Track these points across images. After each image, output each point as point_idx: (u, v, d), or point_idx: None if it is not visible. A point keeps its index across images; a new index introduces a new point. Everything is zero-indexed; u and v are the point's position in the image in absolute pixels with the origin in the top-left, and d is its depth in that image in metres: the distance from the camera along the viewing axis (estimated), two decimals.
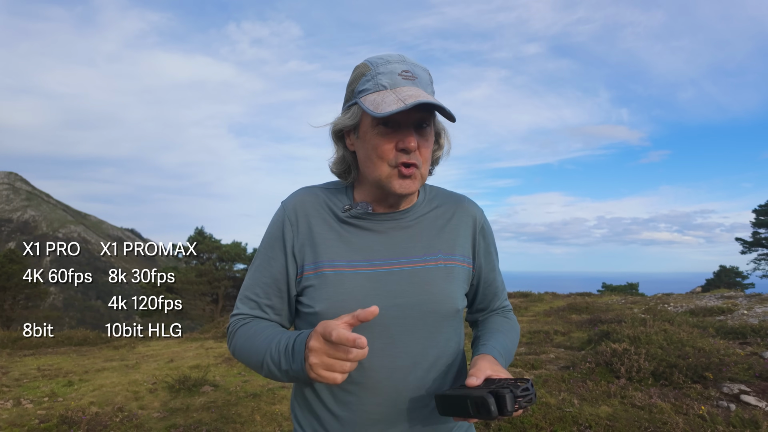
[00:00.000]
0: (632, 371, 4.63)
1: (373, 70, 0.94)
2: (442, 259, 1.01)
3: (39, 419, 4.23)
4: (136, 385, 5.38)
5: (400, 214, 1.03)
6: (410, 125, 0.93)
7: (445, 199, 1.09)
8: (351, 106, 0.98)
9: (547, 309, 11.87)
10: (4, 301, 18.37)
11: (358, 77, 0.97)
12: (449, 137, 1.06)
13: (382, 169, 0.94)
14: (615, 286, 25.85)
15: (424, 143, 0.95)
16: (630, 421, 3.54)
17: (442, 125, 1.04)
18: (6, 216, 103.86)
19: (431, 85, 0.98)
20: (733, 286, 28.90)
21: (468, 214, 1.08)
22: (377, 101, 0.90)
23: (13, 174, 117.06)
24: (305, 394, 1.02)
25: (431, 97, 0.90)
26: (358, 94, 0.96)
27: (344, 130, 1.01)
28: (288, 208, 1.03)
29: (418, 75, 0.95)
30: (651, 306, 10.47)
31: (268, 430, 3.97)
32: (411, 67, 0.95)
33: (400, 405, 0.96)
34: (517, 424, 3.50)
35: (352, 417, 0.96)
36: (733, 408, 3.79)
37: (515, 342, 1.11)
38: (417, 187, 0.97)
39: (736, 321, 7.53)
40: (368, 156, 0.96)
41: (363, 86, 0.95)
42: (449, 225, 1.05)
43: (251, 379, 5.59)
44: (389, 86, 0.92)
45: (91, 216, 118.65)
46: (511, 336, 1.10)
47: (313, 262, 0.98)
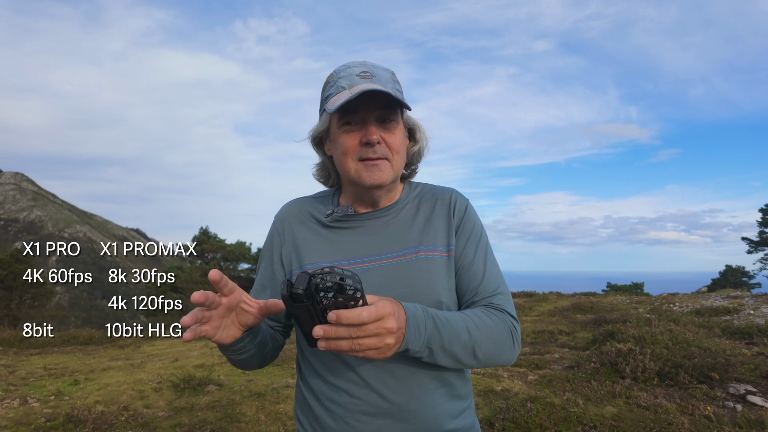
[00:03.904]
0: (637, 371, 4.61)
1: (335, 76, 1.03)
2: (423, 250, 1.03)
3: (45, 418, 4.26)
4: (142, 384, 5.40)
5: (382, 212, 1.07)
6: (372, 120, 0.99)
7: (428, 193, 1.12)
8: (322, 113, 1.06)
9: (552, 309, 11.84)
10: (11, 300, 18.51)
11: (325, 85, 1.06)
12: (425, 134, 1.11)
13: (350, 165, 1.01)
14: (620, 285, 25.75)
15: (389, 136, 1.00)
16: (635, 422, 3.52)
17: (416, 122, 1.09)
18: (13, 216, 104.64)
19: (393, 83, 1.03)
20: (739, 285, 28.73)
21: (446, 203, 1.09)
22: (335, 101, 0.98)
23: (20, 174, 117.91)
24: (303, 391, 1.07)
25: (377, 86, 0.95)
26: (324, 100, 1.04)
27: (320, 136, 1.09)
28: (277, 220, 1.14)
29: (377, 74, 1.01)
30: (656, 306, 10.42)
31: (272, 429, 3.98)
32: (370, 68, 1.02)
33: (390, 398, 0.97)
34: (521, 423, 3.50)
35: (344, 412, 0.98)
36: (739, 408, 3.77)
37: (481, 329, 0.94)
38: (387, 177, 1.00)
39: (742, 321, 7.48)
40: (338, 155, 1.03)
41: (328, 92, 1.03)
42: (431, 217, 1.07)
43: (255, 378, 5.60)
44: (347, 86, 0.99)
45: (97, 216, 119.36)
46: (474, 320, 0.94)
47: (298, 266, 1.05)
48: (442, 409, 1.00)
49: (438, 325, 0.87)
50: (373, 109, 0.98)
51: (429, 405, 0.98)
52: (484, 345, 0.93)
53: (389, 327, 0.76)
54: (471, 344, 0.91)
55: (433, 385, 1.00)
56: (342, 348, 0.75)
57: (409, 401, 0.97)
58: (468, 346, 0.91)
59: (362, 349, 0.76)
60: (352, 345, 0.75)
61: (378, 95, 0.95)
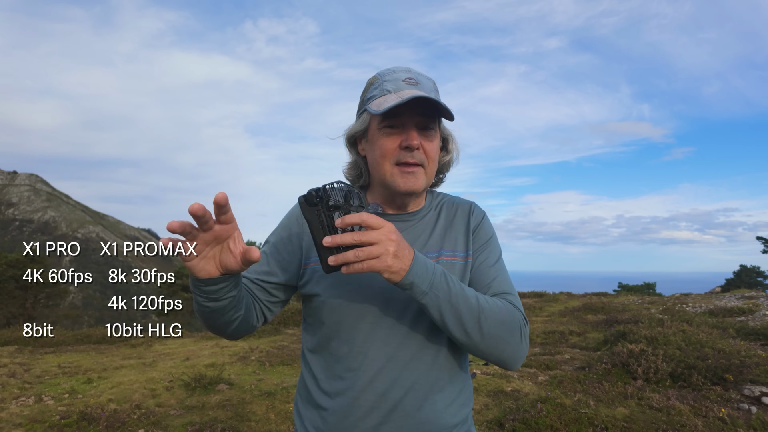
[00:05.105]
0: (649, 372, 4.56)
1: (380, 79, 1.05)
2: (444, 255, 1.06)
3: (59, 415, 4.32)
4: (153, 383, 5.46)
5: (408, 215, 1.10)
6: (413, 125, 1.00)
7: (449, 202, 1.15)
8: (362, 113, 1.08)
9: (562, 309, 11.75)
10: (26, 300, 18.81)
11: (368, 87, 1.08)
12: (458, 145, 1.13)
13: (386, 168, 1.02)
14: (631, 286, 25.49)
15: (427, 143, 1.02)
16: (647, 423, 3.48)
17: (450, 132, 1.12)
18: (27, 217, 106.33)
19: (435, 93, 1.05)
20: (754, 286, 28.25)
21: (466, 212, 1.13)
22: (380, 102, 1.00)
23: (34, 176, 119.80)
24: (307, 383, 1.08)
25: (425, 93, 0.97)
26: (366, 101, 1.06)
27: (356, 136, 1.10)
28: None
29: (422, 81, 1.03)
30: (669, 306, 10.30)
31: (282, 428, 4.00)
32: (415, 75, 1.04)
33: (392, 395, 0.98)
34: (531, 424, 3.47)
35: (347, 403, 0.99)
36: (754, 410, 3.71)
37: (491, 305, 0.95)
38: (421, 184, 1.02)
39: (757, 322, 7.37)
40: (374, 157, 1.04)
41: (371, 93, 1.05)
42: (452, 225, 1.10)
43: (266, 377, 5.63)
44: (393, 90, 1.01)
45: (109, 216, 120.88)
46: (485, 297, 0.96)
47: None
48: (443, 408, 1.01)
49: (447, 279, 0.91)
50: (414, 116, 1.00)
51: (431, 403, 0.99)
52: (490, 318, 0.92)
53: (390, 235, 0.82)
54: (477, 311, 0.91)
55: (436, 384, 1.01)
56: (348, 258, 0.80)
57: (411, 399, 0.98)
58: (474, 311, 0.91)
59: (364, 256, 0.80)
60: (356, 253, 0.80)
61: (423, 102, 0.97)
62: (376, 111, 0.98)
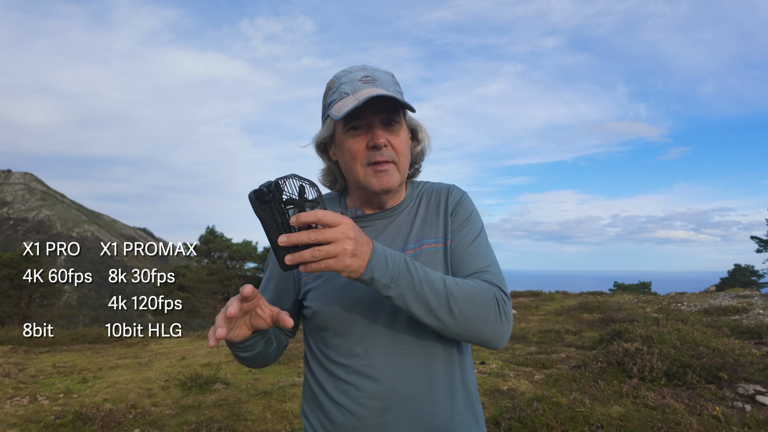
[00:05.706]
0: (645, 371, 4.59)
1: (337, 82, 1.04)
2: (426, 243, 1.06)
3: (54, 415, 4.31)
4: (149, 383, 5.44)
5: (388, 212, 1.10)
6: (377, 123, 1.00)
7: (429, 190, 1.15)
8: (326, 119, 1.07)
9: (558, 308, 11.79)
10: (20, 299, 18.70)
11: (327, 91, 1.07)
12: (427, 133, 1.13)
13: (358, 170, 1.02)
14: (627, 285, 25.60)
15: (394, 138, 1.02)
16: (642, 422, 3.51)
17: (417, 121, 1.11)
18: (22, 215, 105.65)
19: (395, 86, 1.05)
20: (748, 285, 28.43)
21: (444, 196, 1.12)
22: (340, 107, 0.99)
23: (29, 174, 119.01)
24: (311, 386, 1.09)
25: (383, 90, 0.97)
26: (328, 106, 1.05)
27: (324, 142, 1.10)
28: None
29: (379, 78, 1.03)
30: (664, 305, 10.36)
31: (278, 427, 4.00)
32: (371, 72, 1.03)
33: (398, 392, 0.98)
34: (527, 423, 3.49)
35: (352, 406, 0.99)
36: (748, 409, 3.74)
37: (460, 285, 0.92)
38: (395, 181, 1.03)
39: (751, 320, 7.42)
40: (345, 161, 1.05)
41: (331, 98, 1.04)
42: (432, 212, 1.10)
43: (262, 377, 5.63)
44: (351, 92, 1.00)
45: (105, 215, 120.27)
46: (453, 279, 0.94)
47: None
48: (449, 403, 1.01)
49: (410, 267, 0.88)
50: (377, 113, 1.00)
51: (437, 399, 1.00)
52: (461, 300, 0.90)
53: (347, 233, 0.79)
54: (445, 294, 0.89)
55: (441, 379, 1.01)
56: (305, 258, 0.78)
57: (417, 395, 0.98)
58: (442, 296, 0.89)
59: (322, 256, 0.78)
60: (312, 253, 0.77)
61: (381, 99, 0.97)
62: (337, 116, 0.97)
